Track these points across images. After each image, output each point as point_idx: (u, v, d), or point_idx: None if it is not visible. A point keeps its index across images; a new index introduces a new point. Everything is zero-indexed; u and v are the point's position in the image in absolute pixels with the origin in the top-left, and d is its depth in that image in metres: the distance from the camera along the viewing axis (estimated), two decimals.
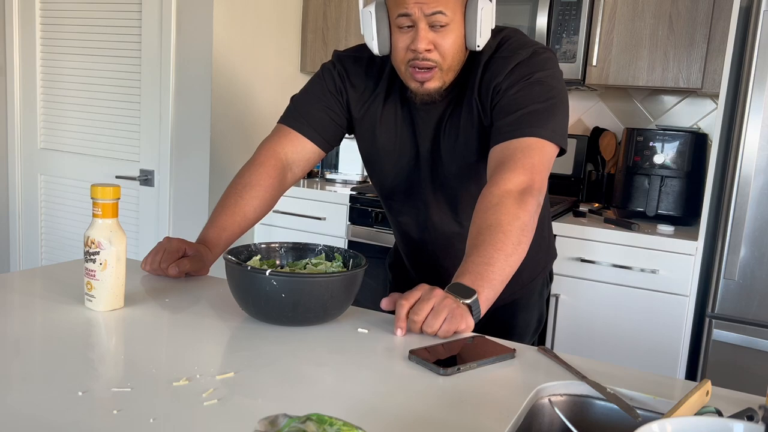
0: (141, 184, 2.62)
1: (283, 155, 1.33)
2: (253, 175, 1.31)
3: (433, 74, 1.20)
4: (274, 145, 1.34)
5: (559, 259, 2.17)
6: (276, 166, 1.32)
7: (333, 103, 1.34)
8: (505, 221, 1.07)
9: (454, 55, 1.21)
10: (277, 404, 0.76)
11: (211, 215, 1.31)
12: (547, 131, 1.17)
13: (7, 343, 0.89)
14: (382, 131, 1.33)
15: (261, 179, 1.30)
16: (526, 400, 0.83)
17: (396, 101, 1.32)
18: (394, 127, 1.33)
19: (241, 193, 1.29)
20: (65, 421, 0.69)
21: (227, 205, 1.29)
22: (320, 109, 1.34)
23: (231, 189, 1.31)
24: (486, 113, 1.24)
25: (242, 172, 1.33)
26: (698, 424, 0.63)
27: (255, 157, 1.34)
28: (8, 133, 2.92)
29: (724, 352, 1.96)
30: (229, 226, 1.28)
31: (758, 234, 1.89)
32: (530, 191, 1.11)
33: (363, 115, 1.35)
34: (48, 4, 2.74)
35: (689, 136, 2.19)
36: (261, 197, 1.30)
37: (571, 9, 2.30)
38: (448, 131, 1.28)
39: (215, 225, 1.28)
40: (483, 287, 1.03)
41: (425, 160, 1.32)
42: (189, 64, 2.46)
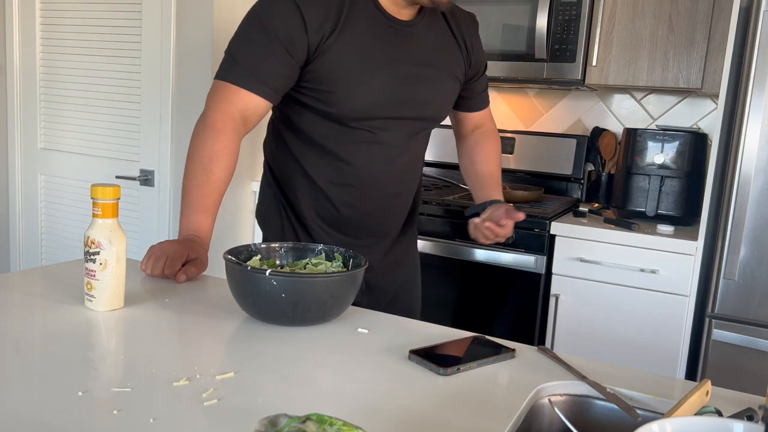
0: (141, 184, 2.62)
1: (237, 115, 1.26)
2: (216, 143, 1.24)
3: None
4: (227, 106, 1.26)
5: (559, 259, 2.17)
6: (234, 129, 1.26)
7: (286, 52, 1.23)
8: (497, 163, 1.61)
9: None
10: (277, 404, 0.76)
11: (185, 195, 1.25)
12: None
13: (7, 343, 0.89)
14: (357, 48, 1.27)
15: (224, 147, 1.25)
16: (526, 400, 0.83)
17: (365, 18, 1.28)
18: (370, 44, 1.28)
19: (209, 167, 1.24)
20: (65, 421, 0.69)
21: (200, 183, 1.24)
22: (273, 64, 1.24)
23: (196, 164, 1.25)
24: (467, 55, 1.45)
25: (202, 142, 1.25)
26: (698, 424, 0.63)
27: (211, 122, 1.25)
28: (8, 133, 2.92)
29: (724, 352, 1.96)
30: (210, 207, 1.25)
31: (758, 234, 1.89)
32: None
33: (332, 43, 1.25)
34: (48, 4, 2.74)
35: (689, 136, 2.19)
36: (229, 166, 1.26)
37: (571, 9, 2.30)
38: (427, 51, 1.36)
39: (197, 209, 1.24)
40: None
41: (412, 75, 1.33)
42: (189, 63, 2.46)
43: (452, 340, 1.00)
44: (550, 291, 2.19)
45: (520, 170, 2.70)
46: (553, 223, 2.16)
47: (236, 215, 2.64)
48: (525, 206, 2.27)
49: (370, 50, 1.28)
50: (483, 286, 2.27)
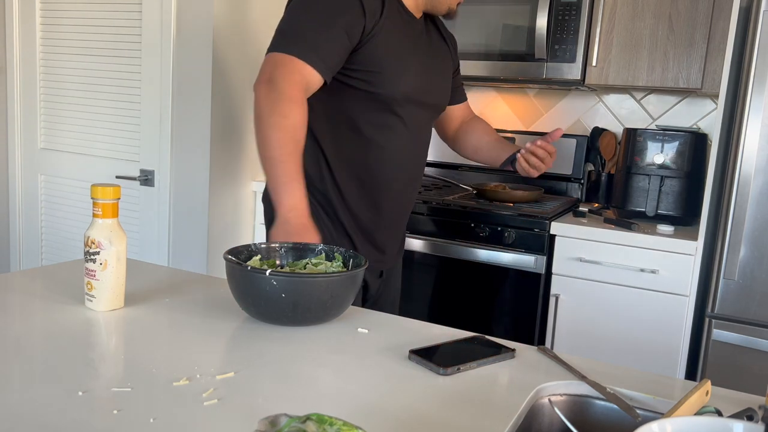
0: (141, 184, 2.62)
1: (305, 91, 1.31)
2: (298, 114, 1.27)
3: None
4: (297, 78, 1.29)
5: (559, 259, 2.17)
6: (305, 101, 1.31)
7: (345, 35, 1.31)
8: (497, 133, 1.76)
9: None
10: (277, 404, 0.76)
11: (280, 164, 1.25)
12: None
13: (7, 343, 0.89)
14: (399, 39, 1.41)
15: (304, 118, 1.29)
16: (526, 400, 0.83)
17: (396, 13, 1.42)
18: (406, 37, 1.43)
19: (297, 136, 1.27)
20: (65, 421, 0.69)
21: (292, 152, 1.26)
22: (334, 45, 1.30)
23: (283, 132, 1.26)
24: (452, 50, 1.64)
25: (284, 111, 1.26)
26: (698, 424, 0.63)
27: (287, 92, 1.27)
28: (8, 133, 2.92)
29: (724, 352, 1.96)
30: (301, 177, 1.28)
31: (758, 234, 1.89)
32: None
33: (380, 29, 1.36)
34: (48, 4, 2.74)
35: (689, 136, 2.20)
36: (305, 136, 1.31)
37: (571, 9, 2.30)
38: (434, 48, 1.54)
39: (295, 178, 1.25)
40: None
41: (430, 66, 1.51)
42: (189, 64, 2.46)
43: (452, 340, 1.00)
44: (550, 291, 2.19)
45: None
46: (553, 223, 2.16)
47: (236, 215, 2.64)
48: (525, 206, 2.27)
49: (405, 39, 1.43)
50: (483, 286, 2.27)
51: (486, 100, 2.84)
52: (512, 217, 2.21)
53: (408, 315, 1.63)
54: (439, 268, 2.33)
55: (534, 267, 2.19)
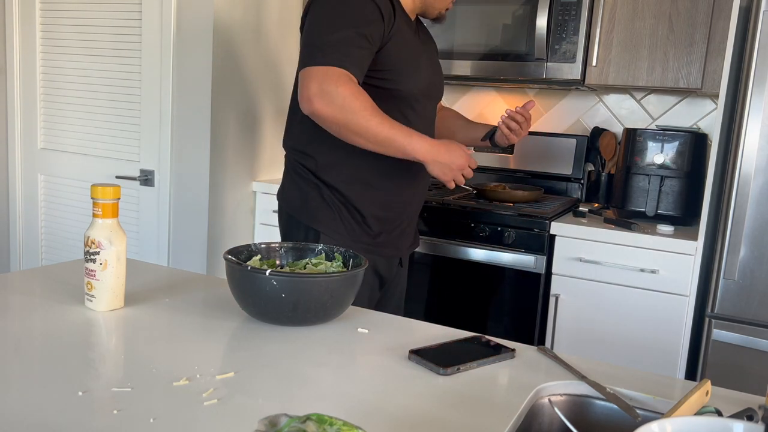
0: (141, 184, 2.62)
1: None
2: (365, 96, 1.38)
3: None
4: (346, 80, 1.38)
5: (559, 259, 2.17)
6: (360, 86, 1.42)
7: (370, 43, 1.41)
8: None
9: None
10: (277, 404, 0.76)
11: (395, 132, 1.38)
12: None
13: (7, 343, 0.89)
14: (409, 39, 1.54)
15: (368, 96, 1.40)
16: (526, 400, 0.83)
17: (402, 15, 1.53)
18: (412, 37, 1.56)
19: (378, 110, 1.39)
20: (65, 421, 0.69)
21: (389, 121, 1.39)
22: (363, 53, 1.41)
23: (373, 116, 1.37)
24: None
25: (354, 105, 1.36)
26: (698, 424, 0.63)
27: (345, 91, 1.36)
28: (8, 133, 2.92)
29: (724, 352, 1.96)
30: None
31: (758, 234, 1.89)
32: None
33: (395, 31, 1.48)
34: (48, 4, 2.74)
35: (689, 136, 2.19)
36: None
37: (571, 9, 2.30)
38: (429, 45, 1.68)
39: (414, 131, 1.42)
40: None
41: (432, 61, 1.65)
42: (189, 64, 2.46)
43: (452, 340, 1.00)
44: (550, 291, 2.19)
45: (520, 170, 2.70)
46: (553, 223, 2.16)
47: (236, 215, 2.64)
48: (525, 206, 2.27)
49: (411, 39, 1.55)
50: (483, 286, 2.27)
51: (486, 100, 2.84)
52: (512, 217, 2.21)
53: (408, 315, 1.63)
54: (439, 268, 2.33)
55: (534, 267, 2.19)
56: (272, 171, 2.81)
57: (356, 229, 1.55)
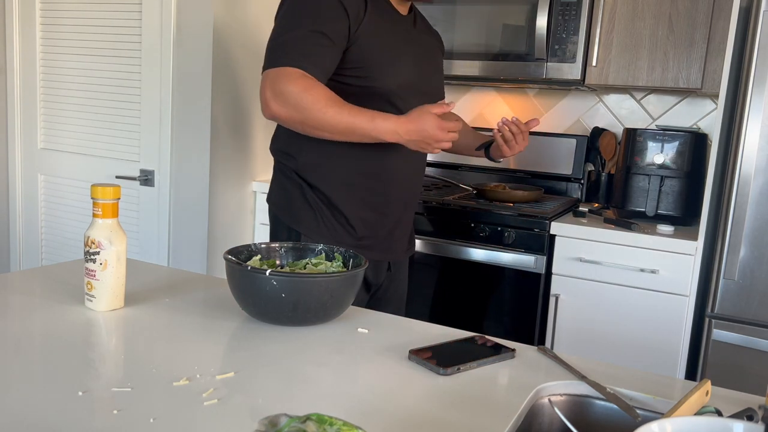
0: (141, 184, 2.62)
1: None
2: (321, 89, 1.34)
3: None
4: (301, 78, 1.34)
5: (559, 259, 2.17)
6: (316, 80, 1.36)
7: (333, 42, 1.36)
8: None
9: None
10: (277, 404, 0.76)
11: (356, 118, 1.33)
12: None
13: (7, 343, 0.89)
14: (386, 33, 1.46)
15: (325, 89, 1.35)
16: (526, 400, 0.83)
17: (382, 11, 1.47)
18: (392, 30, 1.48)
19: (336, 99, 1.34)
20: (65, 421, 0.69)
21: (348, 107, 1.34)
22: (327, 51, 1.36)
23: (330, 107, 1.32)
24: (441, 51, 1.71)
25: (307, 101, 1.32)
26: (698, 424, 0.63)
27: (298, 88, 1.32)
28: (8, 133, 2.92)
29: (724, 352, 1.96)
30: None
31: (758, 234, 1.89)
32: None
33: (366, 26, 1.41)
34: (48, 4, 2.74)
35: (689, 136, 2.19)
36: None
37: (571, 9, 2.30)
38: (424, 41, 1.60)
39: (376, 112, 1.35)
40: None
41: (423, 56, 1.57)
42: (189, 64, 2.46)
43: (452, 340, 1.00)
44: (550, 291, 2.19)
45: (520, 170, 2.70)
46: (553, 223, 2.16)
47: (236, 215, 2.64)
48: (525, 206, 2.27)
49: (392, 34, 1.48)
50: (483, 286, 2.27)
51: (486, 100, 2.84)
52: (512, 217, 2.21)
53: (408, 315, 1.63)
54: (439, 268, 2.33)
55: (534, 267, 2.19)
56: (272, 171, 2.81)
57: (339, 230, 1.51)
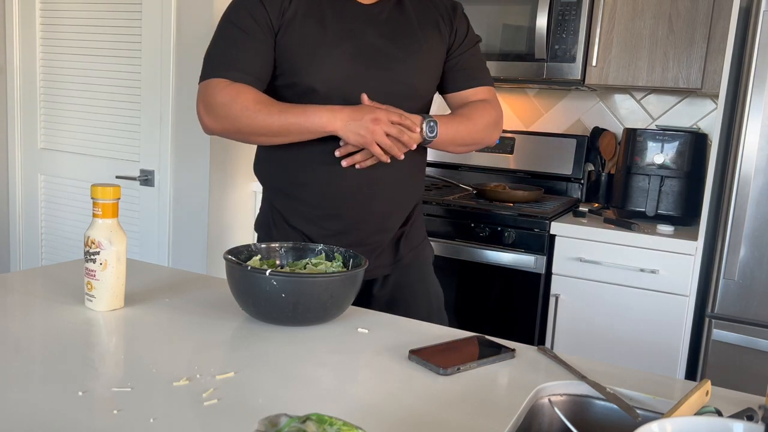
0: (141, 184, 2.62)
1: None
2: (247, 92, 1.27)
3: None
4: (227, 89, 1.28)
5: (559, 259, 2.17)
6: (240, 86, 1.30)
7: (258, 35, 1.29)
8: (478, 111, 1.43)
9: None
10: (277, 404, 0.76)
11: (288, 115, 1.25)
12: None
13: (7, 343, 0.89)
14: (313, 24, 1.30)
15: (251, 91, 1.29)
16: (526, 400, 0.83)
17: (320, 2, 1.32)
18: (321, 23, 1.31)
19: (265, 99, 1.28)
20: (65, 421, 0.69)
21: (277, 105, 1.27)
22: (250, 54, 1.29)
23: (260, 109, 1.26)
24: (447, 36, 1.43)
25: (236, 109, 1.26)
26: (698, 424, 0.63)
27: (223, 97, 1.27)
28: (8, 133, 2.92)
29: (724, 352, 1.96)
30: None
31: (758, 234, 1.89)
32: (500, 123, 1.47)
33: (291, 16, 1.30)
34: (48, 4, 2.74)
35: (689, 136, 2.19)
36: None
37: (571, 9, 2.30)
38: (394, 31, 1.36)
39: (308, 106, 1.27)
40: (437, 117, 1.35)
41: (368, 50, 1.33)
42: (189, 63, 2.46)
43: (452, 340, 1.00)
44: (550, 291, 2.19)
45: (520, 170, 2.70)
46: (553, 223, 2.16)
47: (236, 215, 2.64)
48: (525, 206, 2.27)
49: (329, 25, 1.31)
50: (483, 286, 2.27)
51: None
52: (512, 217, 2.21)
53: None
54: (439, 268, 2.33)
55: (534, 267, 2.19)
56: None
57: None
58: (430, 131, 1.32)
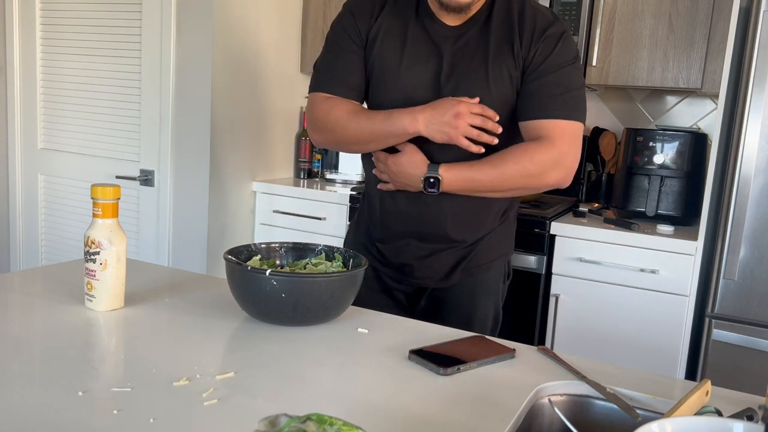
0: (141, 184, 2.62)
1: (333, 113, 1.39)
2: (339, 108, 1.35)
3: None
4: (325, 107, 1.36)
5: (559, 259, 2.17)
6: (333, 102, 1.38)
7: (354, 42, 1.36)
8: (521, 161, 1.31)
9: None
10: (277, 404, 0.76)
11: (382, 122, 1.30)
12: (582, 115, 1.37)
13: (7, 343, 0.89)
14: (387, 46, 1.34)
15: (345, 105, 1.35)
16: (526, 400, 0.83)
17: (407, 15, 1.35)
18: (401, 43, 1.34)
19: (359, 110, 1.35)
20: (65, 421, 0.69)
21: (369, 113, 1.33)
22: (355, 68, 1.36)
23: (356, 121, 1.32)
24: (525, 67, 1.33)
25: (332, 123, 1.34)
26: (698, 424, 0.63)
27: (320, 114, 1.36)
28: (8, 133, 2.92)
29: (724, 352, 1.96)
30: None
31: (758, 234, 1.89)
32: (559, 165, 1.31)
33: (376, 31, 1.36)
34: (48, 4, 2.74)
35: (689, 136, 2.20)
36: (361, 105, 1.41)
37: (571, 9, 2.30)
38: (479, 55, 1.32)
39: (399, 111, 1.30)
40: (450, 168, 1.30)
41: (441, 76, 1.33)
42: (189, 64, 2.46)
43: (452, 340, 1.00)
44: (550, 291, 2.19)
45: None
46: (553, 223, 2.16)
47: (236, 215, 2.64)
48: (525, 206, 2.26)
49: (407, 47, 1.34)
50: None
51: None
52: None
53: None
54: None
55: (534, 267, 2.19)
56: (272, 171, 2.81)
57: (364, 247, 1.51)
58: (429, 185, 1.31)
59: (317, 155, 2.91)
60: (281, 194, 2.65)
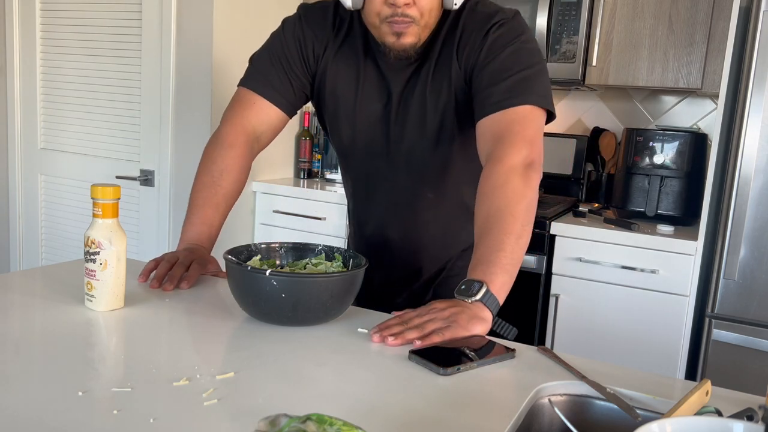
0: (141, 184, 2.62)
1: (250, 129, 1.31)
2: (227, 159, 1.28)
3: (410, 29, 1.13)
4: (241, 120, 1.30)
5: (559, 259, 2.17)
6: (247, 144, 1.30)
7: (295, 61, 1.29)
8: (512, 202, 1.08)
9: (431, 11, 1.15)
10: (277, 404, 0.76)
11: (192, 207, 1.25)
12: (539, 98, 1.15)
13: (7, 343, 0.89)
14: (341, 81, 1.28)
15: (235, 162, 1.28)
16: (526, 400, 0.83)
17: (358, 52, 1.27)
18: (355, 79, 1.28)
19: (219, 181, 1.27)
20: (65, 421, 0.69)
21: (208, 196, 1.26)
22: (282, 70, 1.29)
23: (206, 177, 1.27)
24: (466, 72, 1.20)
25: (213, 155, 1.29)
26: (698, 424, 0.63)
27: (224, 137, 1.30)
28: (8, 133, 2.92)
29: (724, 352, 1.96)
30: (215, 222, 1.26)
31: (758, 234, 1.89)
32: (533, 166, 1.11)
33: (324, 66, 1.29)
34: (48, 4, 2.74)
35: (689, 136, 2.20)
36: (238, 181, 1.29)
37: (571, 9, 2.30)
38: (420, 86, 1.24)
39: (203, 222, 1.24)
40: (496, 274, 1.03)
41: (391, 114, 1.27)
42: (189, 64, 2.46)
43: (452, 340, 0.99)
44: (550, 291, 2.19)
45: None
46: (553, 223, 2.16)
47: (236, 215, 2.64)
48: None
49: (357, 84, 1.28)
50: None
51: None
52: None
53: None
54: None
55: (534, 267, 2.19)
56: (272, 171, 2.81)
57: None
58: (486, 300, 1.02)
59: (317, 155, 2.91)
60: (281, 194, 2.65)
